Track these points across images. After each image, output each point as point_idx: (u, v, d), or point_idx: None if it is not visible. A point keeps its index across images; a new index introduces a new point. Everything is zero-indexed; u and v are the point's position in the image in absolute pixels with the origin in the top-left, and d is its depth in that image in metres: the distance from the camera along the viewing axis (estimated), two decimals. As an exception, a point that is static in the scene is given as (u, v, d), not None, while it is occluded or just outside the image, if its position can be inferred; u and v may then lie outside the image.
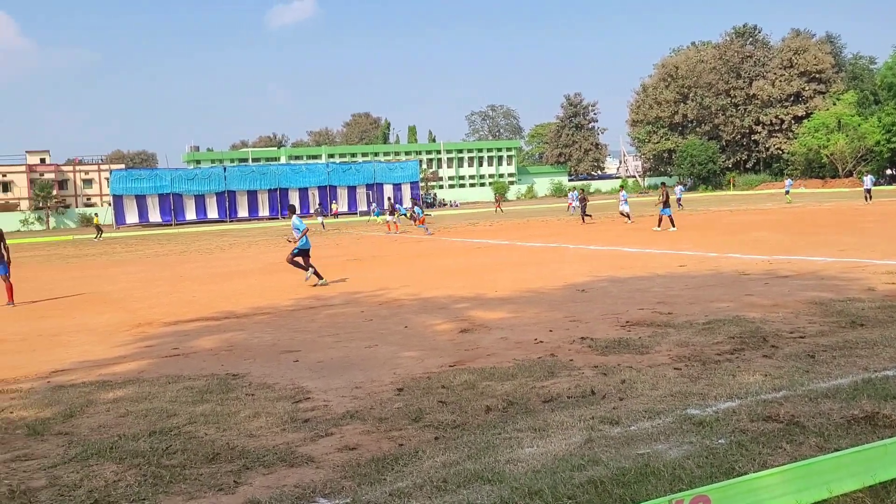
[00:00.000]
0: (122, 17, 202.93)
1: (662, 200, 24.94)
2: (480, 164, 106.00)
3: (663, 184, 27.42)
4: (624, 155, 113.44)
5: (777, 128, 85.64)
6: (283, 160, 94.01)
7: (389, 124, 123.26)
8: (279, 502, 3.96)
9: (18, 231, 70.22)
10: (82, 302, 13.92)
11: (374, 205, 60.02)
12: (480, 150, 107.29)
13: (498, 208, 57.29)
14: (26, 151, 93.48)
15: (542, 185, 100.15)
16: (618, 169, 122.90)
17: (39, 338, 10.09)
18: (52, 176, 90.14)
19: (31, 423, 5.74)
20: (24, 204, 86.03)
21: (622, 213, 31.06)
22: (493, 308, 10.34)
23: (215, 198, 69.12)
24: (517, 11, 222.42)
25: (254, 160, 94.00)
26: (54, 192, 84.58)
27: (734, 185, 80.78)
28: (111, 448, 5.00)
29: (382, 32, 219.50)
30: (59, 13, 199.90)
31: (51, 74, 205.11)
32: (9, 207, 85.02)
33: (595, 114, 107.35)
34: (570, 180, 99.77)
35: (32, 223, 74.96)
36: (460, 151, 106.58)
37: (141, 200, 66.94)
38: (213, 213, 68.88)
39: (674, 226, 24.62)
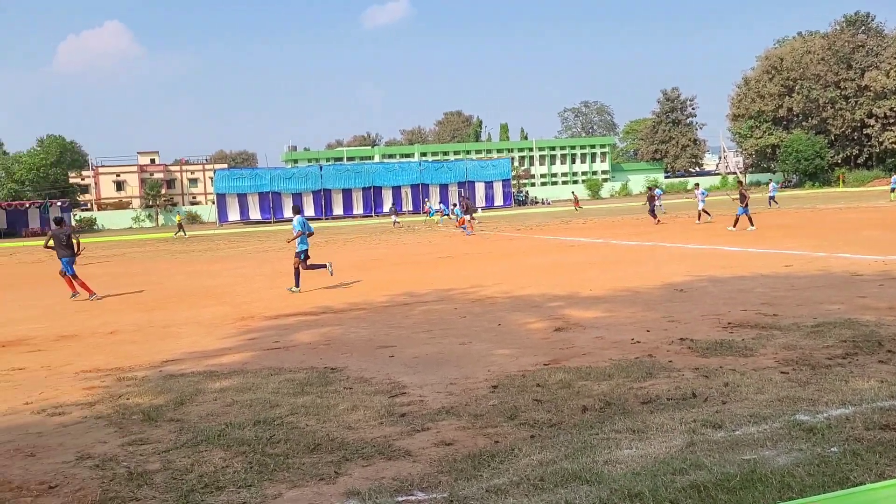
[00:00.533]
0: (224, 24, 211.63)
1: (739, 199, 24.03)
2: (573, 162, 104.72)
3: (740, 182, 26.31)
4: (724, 151, 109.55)
5: (892, 121, 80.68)
6: (376, 159, 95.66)
7: (481, 122, 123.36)
8: (378, 494, 4.04)
9: (130, 228, 74.25)
10: (190, 296, 14.59)
11: (427, 204, 60.48)
12: (573, 148, 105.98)
13: (577, 207, 56.40)
14: (138, 152, 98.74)
15: (637, 182, 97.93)
16: (717, 165, 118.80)
17: (151, 329, 10.65)
18: (160, 175, 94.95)
19: (146, 409, 6.07)
20: (136, 202, 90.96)
21: (699, 212, 30.11)
22: (587, 307, 10.20)
23: (312, 196, 70.98)
24: (612, 5, 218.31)
25: (348, 159, 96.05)
26: (163, 191, 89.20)
27: (843, 182, 76.67)
28: (219, 435, 5.23)
29: (475, 31, 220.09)
30: (168, 22, 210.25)
31: (160, 79, 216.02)
32: (122, 205, 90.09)
33: (693, 108, 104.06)
34: (666, 177, 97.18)
35: (143, 220, 79.11)
36: (552, 149, 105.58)
37: (242, 199, 69.46)
38: (309, 210, 70.75)
39: (752, 225, 23.64)
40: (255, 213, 69.85)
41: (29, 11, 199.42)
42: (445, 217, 42.02)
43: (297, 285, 14.18)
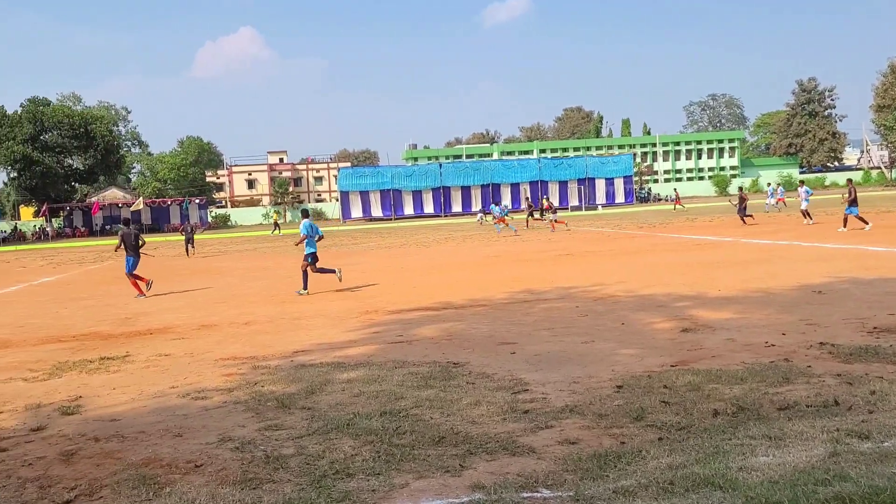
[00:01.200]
0: (348, 27, 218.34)
1: (849, 199, 22.28)
2: (699, 157, 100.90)
3: (850, 180, 24.31)
4: (867, 144, 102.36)
5: None
6: (495, 156, 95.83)
7: (602, 118, 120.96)
8: (503, 489, 4.06)
9: (259, 224, 77.93)
10: (317, 289, 15.16)
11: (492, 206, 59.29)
12: (699, 142, 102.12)
13: (677, 205, 54.07)
14: (268, 152, 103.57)
15: (769, 178, 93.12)
16: (859, 160, 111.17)
17: (283, 320, 11.15)
18: (288, 174, 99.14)
19: (280, 396, 6.37)
20: (265, 199, 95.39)
21: (803, 213, 28.22)
22: (716, 307, 9.82)
23: (431, 193, 72.03)
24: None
25: (467, 156, 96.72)
26: (290, 189, 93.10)
27: None
28: (348, 424, 5.42)
29: (596, 25, 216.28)
30: (297, 27, 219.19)
31: (289, 81, 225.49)
32: (253, 202, 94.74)
33: (832, 99, 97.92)
34: (801, 172, 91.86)
35: (271, 217, 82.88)
36: (677, 144, 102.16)
37: (364, 196, 71.41)
38: (429, 207, 71.87)
39: (867, 223, 21.89)
40: (376, 210, 71.62)
41: (171, 21, 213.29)
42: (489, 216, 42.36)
43: (305, 287, 14.43)
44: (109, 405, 6.51)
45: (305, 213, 15.77)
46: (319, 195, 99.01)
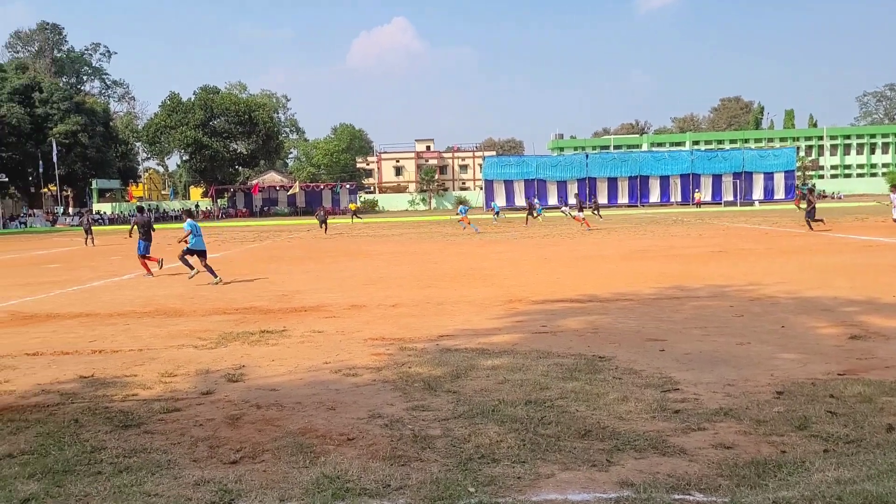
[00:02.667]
0: (497, 16, 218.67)
1: None
2: (872, 152, 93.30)
3: None
4: None
5: None
6: (644, 147, 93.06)
7: (763, 108, 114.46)
8: (653, 488, 3.96)
9: (405, 210, 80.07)
10: (461, 276, 15.38)
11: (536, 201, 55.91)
12: (873, 136, 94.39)
13: (798, 205, 49.59)
14: (415, 139, 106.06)
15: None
16: None
17: (428, 305, 11.40)
18: (434, 162, 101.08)
19: (426, 378, 6.53)
20: (412, 186, 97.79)
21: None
22: (890, 314, 9.05)
23: (576, 184, 71.02)
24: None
25: (615, 147, 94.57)
26: (436, 177, 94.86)
27: None
28: (493, 410, 5.47)
29: (757, 10, 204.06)
30: (448, 16, 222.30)
31: (438, 71, 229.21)
32: (399, 189, 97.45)
33: None
34: None
35: (417, 204, 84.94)
36: (847, 137, 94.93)
37: (508, 185, 71.54)
38: (572, 198, 70.93)
39: None
40: (520, 200, 71.48)
41: (330, 12, 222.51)
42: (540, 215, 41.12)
43: (215, 275, 15.16)
44: (269, 375, 6.93)
45: (189, 214, 17.44)
46: (464, 183, 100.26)
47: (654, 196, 70.57)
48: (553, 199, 70.17)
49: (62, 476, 4.41)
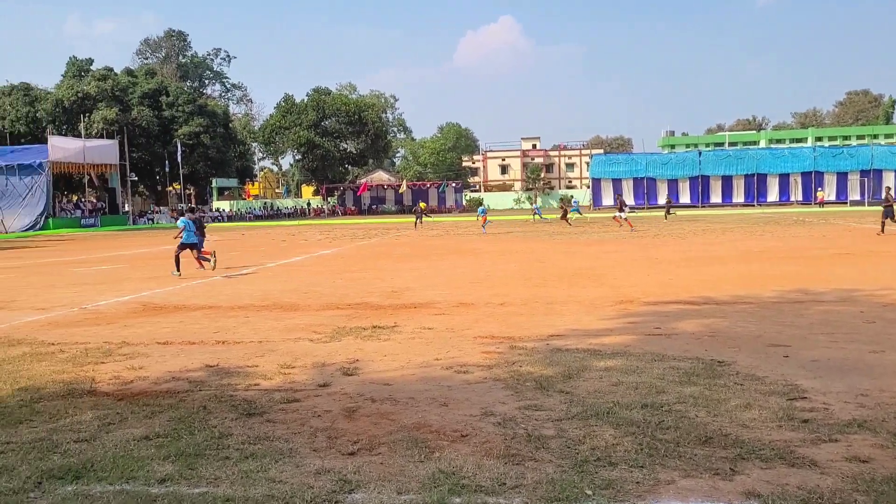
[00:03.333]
0: (604, 12, 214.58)
1: None
2: None
3: None
4: None
5: None
6: (762, 144, 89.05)
7: (894, 102, 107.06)
8: (782, 500, 3.78)
9: (511, 208, 79.84)
10: (569, 275, 15.20)
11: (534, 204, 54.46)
12: None
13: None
14: (521, 138, 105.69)
15: None
16: None
17: (536, 304, 11.32)
18: (540, 160, 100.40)
19: (538, 378, 6.48)
20: (517, 185, 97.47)
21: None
22: None
23: (688, 182, 68.86)
24: None
25: (730, 144, 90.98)
26: (542, 175, 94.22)
27: None
28: (607, 413, 5.37)
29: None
30: (555, 13, 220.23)
31: (545, 68, 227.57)
32: (505, 187, 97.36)
33: None
34: None
35: (523, 202, 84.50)
36: None
37: (616, 184, 70.07)
38: (685, 197, 68.77)
39: None
40: (629, 199, 69.84)
41: (437, 11, 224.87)
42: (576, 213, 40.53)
43: (178, 269, 16.92)
44: (382, 370, 7.07)
45: (181, 213, 19.39)
46: (570, 182, 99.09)
47: (773, 195, 67.41)
48: (662, 199, 68.27)
49: (193, 459, 4.66)
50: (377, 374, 6.89)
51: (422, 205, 46.62)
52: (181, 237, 17.62)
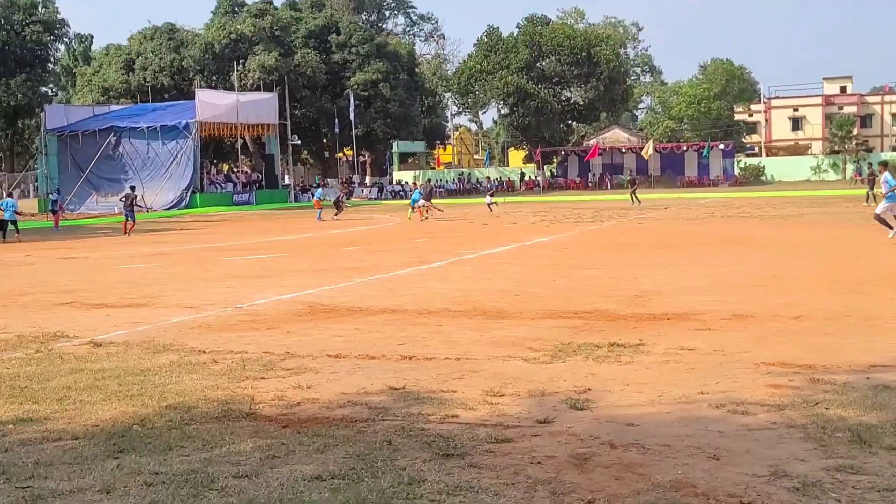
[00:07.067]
0: None
1: None
2: None
3: None
4: None
5: None
6: None
7: None
8: None
9: (807, 181, 75.59)
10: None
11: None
12: None
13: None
14: (823, 79, 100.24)
15: None
16: None
17: (849, 318, 10.75)
18: (853, 110, 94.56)
19: (854, 426, 6.14)
20: (816, 145, 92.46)
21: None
22: None
23: None
24: None
25: None
26: (854, 132, 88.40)
27: None
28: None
29: None
30: None
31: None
32: (797, 150, 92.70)
33: None
34: None
35: (825, 171, 79.59)
36: None
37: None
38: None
39: None
40: None
41: None
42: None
43: None
44: (623, 404, 7.04)
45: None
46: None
47: None
48: None
49: (378, 509, 4.90)
50: (617, 410, 6.87)
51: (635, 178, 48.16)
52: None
